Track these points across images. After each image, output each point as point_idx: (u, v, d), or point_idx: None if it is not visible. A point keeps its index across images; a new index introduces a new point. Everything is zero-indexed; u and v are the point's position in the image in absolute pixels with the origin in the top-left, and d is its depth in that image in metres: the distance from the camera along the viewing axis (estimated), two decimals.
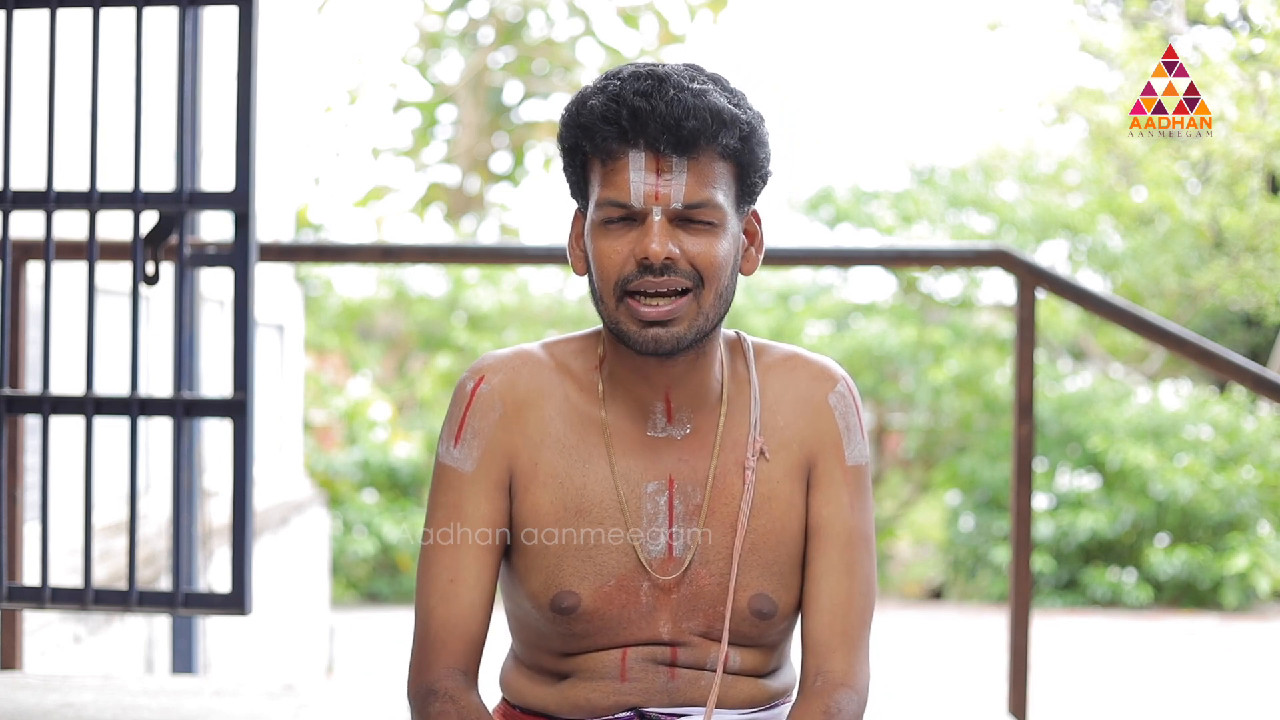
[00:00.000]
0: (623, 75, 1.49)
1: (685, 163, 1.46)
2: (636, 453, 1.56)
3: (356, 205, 15.73)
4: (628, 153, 1.47)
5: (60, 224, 2.67)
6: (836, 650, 1.56)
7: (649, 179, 1.46)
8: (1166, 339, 2.92)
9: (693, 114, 1.45)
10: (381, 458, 11.15)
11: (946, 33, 19.57)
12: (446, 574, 1.55)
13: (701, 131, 1.45)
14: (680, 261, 1.47)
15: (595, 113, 1.48)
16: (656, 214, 1.47)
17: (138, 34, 2.58)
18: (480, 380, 1.59)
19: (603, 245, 1.49)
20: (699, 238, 1.48)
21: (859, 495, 1.59)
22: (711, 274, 1.49)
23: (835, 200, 11.96)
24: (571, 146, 1.51)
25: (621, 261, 1.48)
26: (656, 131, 1.45)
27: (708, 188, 1.47)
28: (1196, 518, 10.11)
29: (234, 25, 2.55)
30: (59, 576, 4.06)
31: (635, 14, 15.51)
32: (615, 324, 1.50)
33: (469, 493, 1.56)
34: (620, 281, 1.48)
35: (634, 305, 1.48)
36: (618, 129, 1.46)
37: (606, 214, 1.49)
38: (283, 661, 7.76)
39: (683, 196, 1.46)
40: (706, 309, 1.50)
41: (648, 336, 1.48)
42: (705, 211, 1.48)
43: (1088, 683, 7.72)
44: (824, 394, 1.61)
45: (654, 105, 1.45)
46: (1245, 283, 8.49)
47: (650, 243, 1.46)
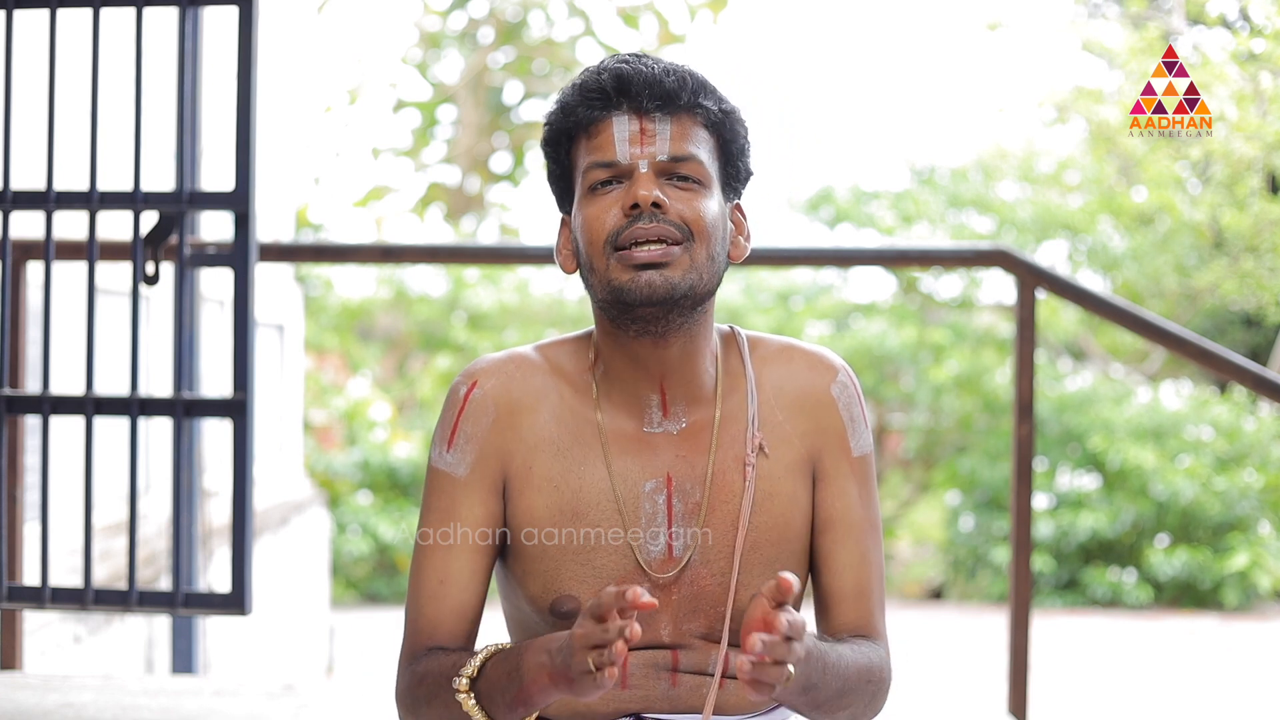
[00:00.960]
0: (603, 59, 1.55)
1: (669, 119, 1.50)
2: (633, 451, 1.55)
3: (356, 205, 15.73)
4: (611, 116, 1.50)
5: (60, 224, 2.66)
6: (862, 630, 1.58)
7: (634, 135, 1.49)
8: (1166, 339, 2.92)
9: (672, 73, 1.51)
10: (381, 458, 11.15)
11: (946, 33, 19.57)
12: (436, 575, 1.55)
13: (682, 88, 1.50)
14: (669, 210, 1.48)
15: (578, 87, 1.53)
16: (643, 166, 1.49)
17: (138, 34, 2.58)
18: (473, 385, 1.58)
19: (591, 210, 1.51)
20: (685, 194, 1.50)
21: (866, 485, 1.60)
22: (700, 228, 1.50)
23: (835, 200, 11.96)
24: (556, 135, 1.54)
25: (611, 217, 1.49)
26: (639, 89, 1.49)
27: (691, 144, 1.50)
28: (1197, 519, 10.11)
29: (234, 25, 2.55)
30: (59, 576, 4.06)
31: (635, 14, 15.51)
32: (607, 283, 1.50)
33: (462, 497, 1.56)
34: (610, 236, 1.49)
35: (626, 254, 1.49)
36: (600, 94, 1.50)
37: (593, 177, 1.51)
38: (283, 661, 7.76)
39: (668, 150, 1.49)
40: (699, 264, 1.50)
41: (641, 281, 1.48)
42: (690, 166, 1.50)
43: (1088, 683, 7.72)
44: (825, 386, 1.60)
45: (635, 68, 1.50)
46: (1245, 283, 8.49)
47: (638, 189, 1.48)
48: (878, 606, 1.59)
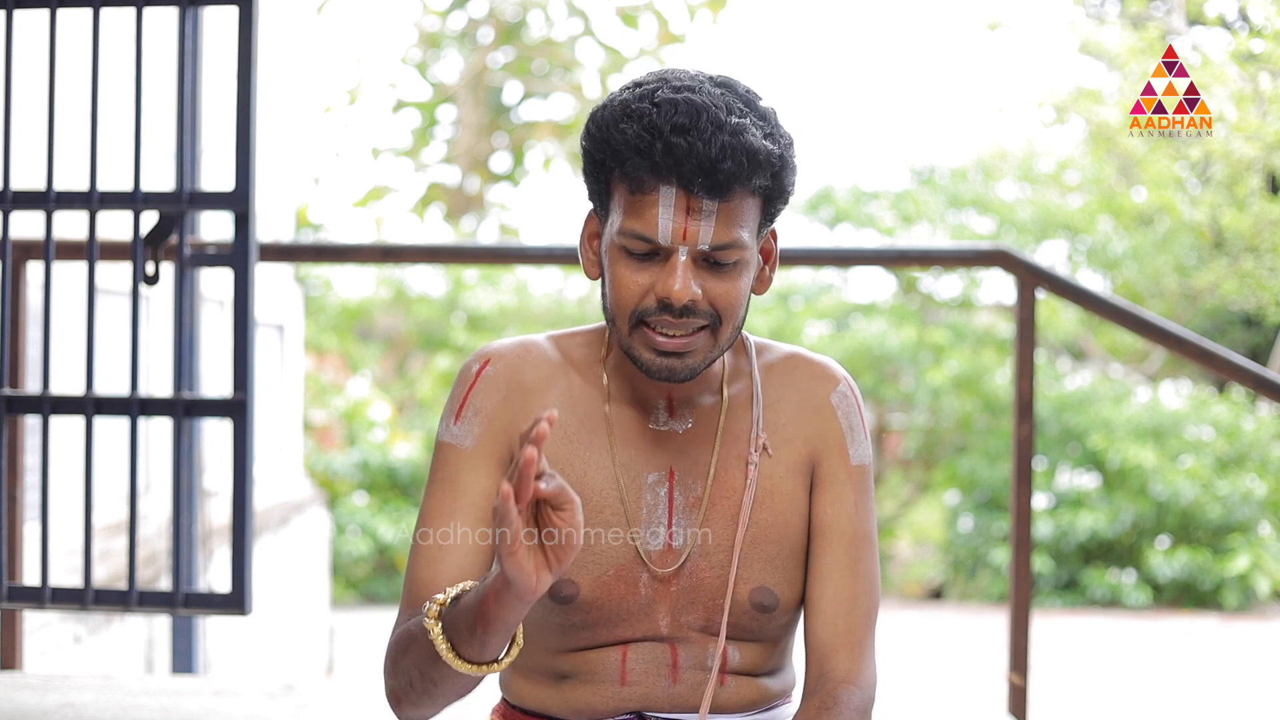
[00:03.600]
0: (657, 99, 1.42)
1: (716, 205, 1.42)
2: (638, 444, 1.56)
3: (356, 205, 15.74)
4: (659, 188, 1.42)
5: (60, 224, 2.66)
6: (840, 650, 1.55)
7: (678, 218, 1.42)
8: (1166, 339, 2.92)
9: (729, 156, 1.40)
10: (381, 458, 11.14)
11: (946, 33, 19.58)
12: (436, 541, 1.53)
13: (737, 175, 1.41)
14: (701, 303, 1.45)
15: (627, 140, 1.42)
16: (682, 254, 1.43)
17: (138, 34, 2.58)
18: (486, 363, 1.58)
19: (622, 273, 1.47)
20: (722, 278, 1.46)
21: (862, 495, 1.59)
22: (730, 313, 1.48)
23: (835, 200, 11.97)
24: (598, 161, 1.46)
25: (641, 293, 1.46)
26: (691, 173, 1.40)
27: (735, 229, 1.44)
28: (1197, 520, 10.11)
29: (234, 25, 2.55)
30: (59, 576, 4.06)
31: (635, 14, 15.51)
32: (629, 349, 1.50)
33: (467, 467, 1.55)
34: (637, 313, 1.47)
35: (650, 335, 1.47)
36: (650, 163, 1.41)
37: (630, 245, 1.46)
38: (283, 661, 7.76)
39: (710, 239, 1.43)
40: (722, 343, 1.49)
41: (661, 366, 1.48)
42: (731, 253, 1.45)
43: (1088, 683, 7.72)
44: (826, 394, 1.61)
45: (691, 144, 1.39)
46: (1245, 283, 8.50)
47: (673, 284, 1.43)
48: (862, 623, 1.56)
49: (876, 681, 1.56)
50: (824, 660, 1.55)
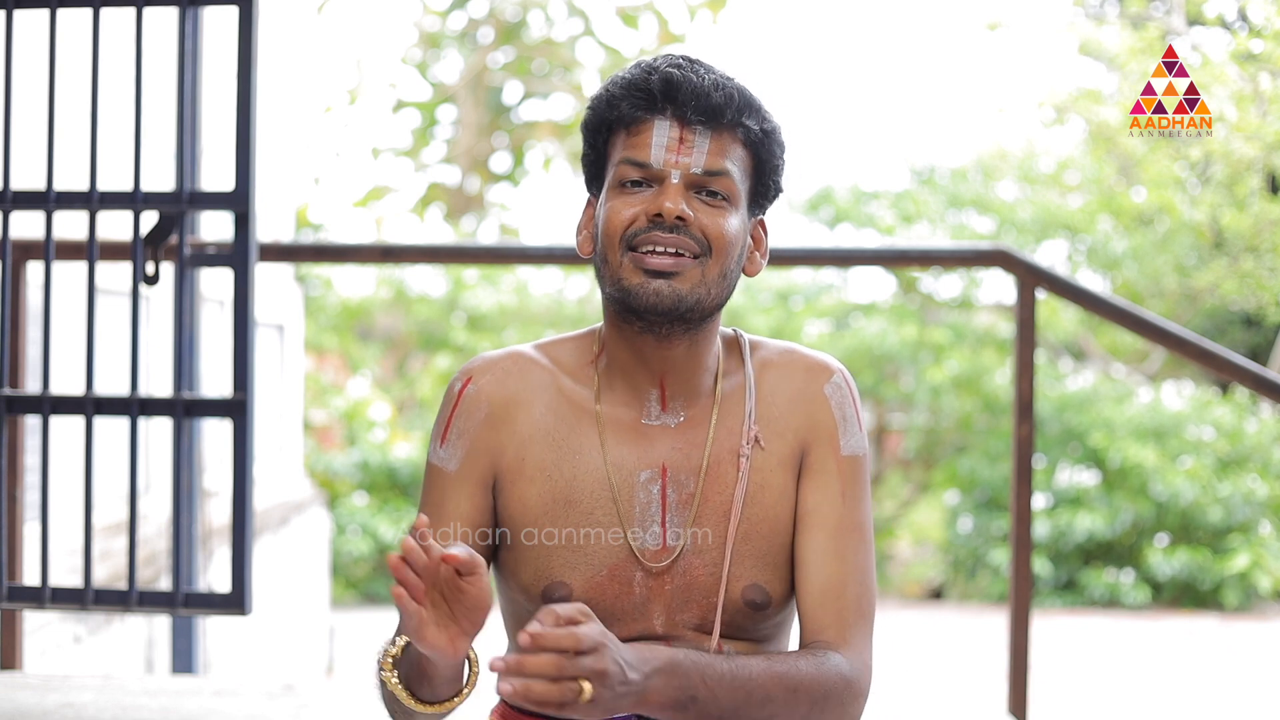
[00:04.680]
0: (655, 57, 1.55)
1: (709, 133, 1.50)
2: (630, 441, 1.56)
3: (356, 205, 15.74)
4: (653, 119, 1.51)
5: (60, 224, 2.66)
6: (828, 629, 1.53)
7: (671, 143, 1.50)
8: (1166, 339, 2.92)
9: (721, 88, 1.50)
10: (381, 458, 11.14)
11: (946, 33, 19.58)
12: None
13: (727, 105, 1.50)
14: (692, 225, 1.50)
15: (625, 81, 1.53)
16: (675, 177, 1.50)
17: (138, 34, 2.58)
18: (468, 381, 1.60)
19: (615, 203, 1.52)
20: (711, 209, 1.51)
21: (853, 486, 1.58)
22: (720, 245, 1.51)
23: (835, 200, 11.97)
24: (596, 124, 1.55)
25: (632, 217, 1.51)
26: (685, 98, 1.50)
27: (726, 160, 1.51)
28: (1196, 520, 10.11)
29: (234, 25, 2.55)
30: (59, 576, 4.06)
31: (635, 14, 15.51)
32: (617, 281, 1.51)
33: (451, 491, 1.58)
34: (628, 235, 1.51)
35: (639, 256, 1.50)
36: (646, 95, 1.51)
37: (624, 174, 1.52)
38: (283, 661, 7.76)
39: (703, 164, 1.50)
40: (710, 280, 1.51)
41: (650, 289, 1.50)
42: (721, 182, 1.51)
43: (1088, 683, 7.72)
44: (819, 385, 1.61)
45: (685, 75, 1.50)
46: (1245, 283, 8.49)
47: (665, 199, 1.49)
48: (852, 610, 1.53)
49: (871, 672, 1.53)
50: (814, 642, 1.54)
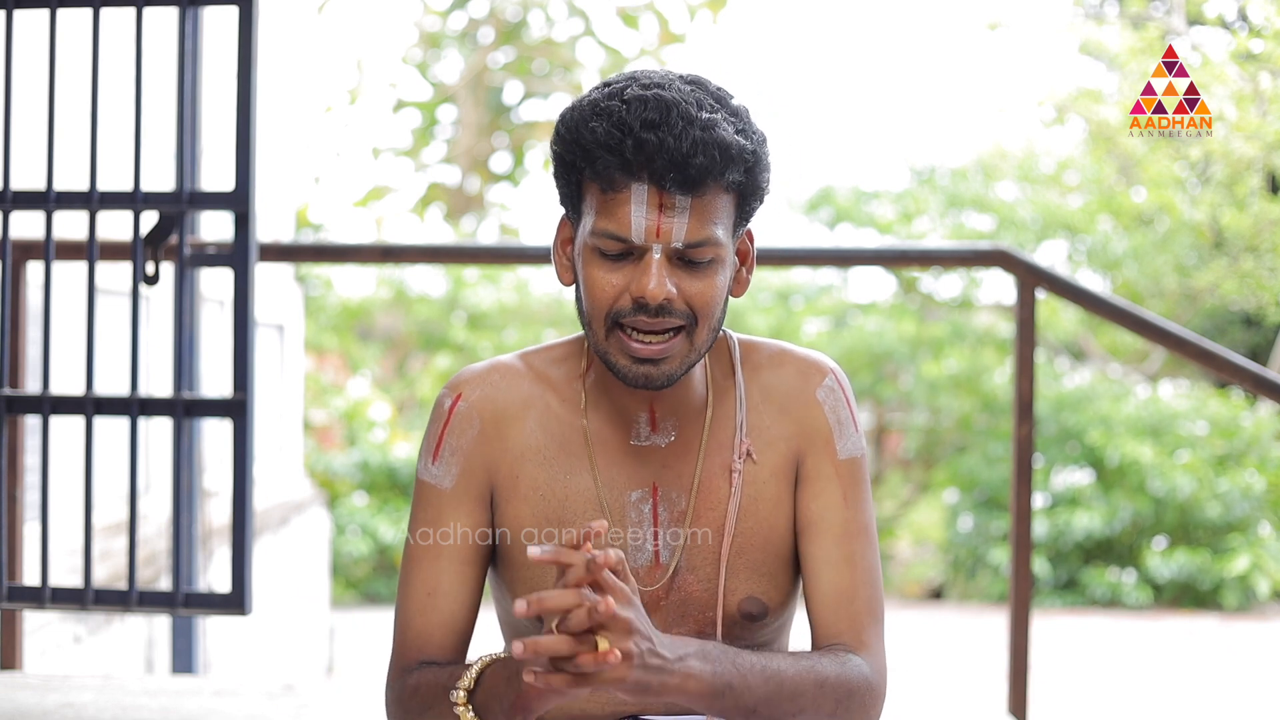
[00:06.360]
0: (626, 97, 1.41)
1: (689, 200, 1.40)
2: (619, 461, 1.54)
3: (356, 205, 15.74)
4: (630, 185, 1.40)
5: (60, 224, 2.66)
6: (844, 635, 1.52)
7: (650, 215, 1.40)
8: (1166, 339, 2.92)
9: (701, 150, 1.38)
10: (381, 458, 11.14)
11: (946, 33, 19.57)
12: (425, 587, 1.54)
13: (709, 170, 1.39)
14: (676, 302, 1.43)
15: (597, 138, 1.40)
16: (656, 252, 1.41)
17: (138, 34, 2.58)
18: (458, 397, 1.57)
19: (596, 274, 1.45)
20: (696, 277, 1.43)
21: (854, 488, 1.56)
22: (706, 312, 1.45)
23: (835, 200, 11.97)
24: (568, 161, 1.45)
25: (615, 295, 1.44)
26: (663, 168, 1.38)
27: (709, 225, 1.42)
28: (1195, 518, 10.10)
29: (234, 25, 2.55)
30: (59, 576, 4.06)
31: (635, 14, 15.51)
32: (604, 354, 1.47)
33: (448, 509, 1.55)
34: (612, 314, 1.45)
35: (625, 340, 1.45)
36: (621, 160, 1.39)
37: (603, 245, 1.43)
38: (283, 661, 7.76)
39: (684, 235, 1.41)
40: (699, 345, 1.47)
41: (638, 373, 1.45)
42: (706, 250, 1.43)
43: (1088, 683, 7.72)
44: (812, 389, 1.58)
45: (661, 139, 1.38)
46: (1245, 283, 8.49)
47: (648, 283, 1.41)
48: (865, 614, 1.52)
49: (887, 675, 1.53)
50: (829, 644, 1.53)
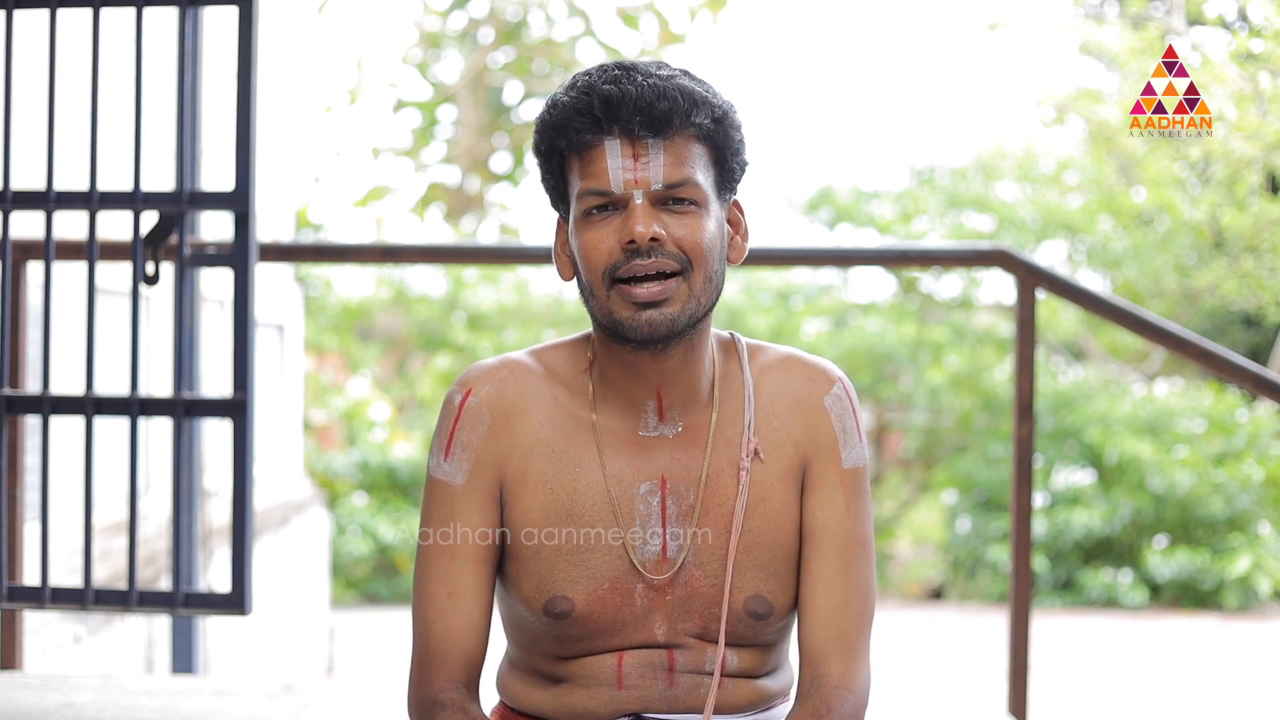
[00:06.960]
0: (590, 72, 1.50)
1: (661, 144, 1.47)
2: (628, 453, 1.55)
3: (356, 205, 15.74)
4: (603, 141, 1.47)
5: (60, 224, 2.67)
6: (833, 655, 1.54)
7: (626, 163, 1.47)
8: (1166, 339, 2.92)
9: (663, 95, 1.46)
10: (381, 458, 11.14)
11: (946, 33, 19.57)
12: (444, 588, 1.55)
13: (674, 110, 1.46)
14: (666, 243, 1.47)
15: (567, 107, 1.49)
16: (638, 197, 1.47)
17: (138, 34, 2.58)
18: (468, 393, 1.58)
19: (587, 237, 1.49)
20: (682, 219, 1.48)
21: (856, 498, 1.58)
22: (698, 255, 1.49)
23: (835, 200, 11.97)
24: (547, 150, 1.52)
25: (608, 250, 1.48)
26: (629, 115, 1.46)
27: (686, 167, 1.48)
28: (1195, 515, 10.09)
29: (234, 25, 2.55)
30: (59, 576, 4.06)
31: (635, 14, 15.51)
32: (608, 314, 1.50)
33: (461, 506, 1.56)
34: (609, 269, 1.48)
35: (625, 289, 1.48)
36: (590, 119, 1.47)
37: (588, 204, 1.49)
38: (283, 661, 7.76)
39: (662, 177, 1.47)
40: (697, 291, 1.49)
41: (641, 320, 1.48)
42: (686, 190, 1.48)
43: (1088, 683, 7.72)
44: (819, 396, 1.59)
45: (624, 90, 1.46)
46: (1245, 283, 8.49)
47: (634, 225, 1.46)
48: (854, 627, 1.55)
49: (869, 686, 1.56)
50: (817, 665, 1.54)
